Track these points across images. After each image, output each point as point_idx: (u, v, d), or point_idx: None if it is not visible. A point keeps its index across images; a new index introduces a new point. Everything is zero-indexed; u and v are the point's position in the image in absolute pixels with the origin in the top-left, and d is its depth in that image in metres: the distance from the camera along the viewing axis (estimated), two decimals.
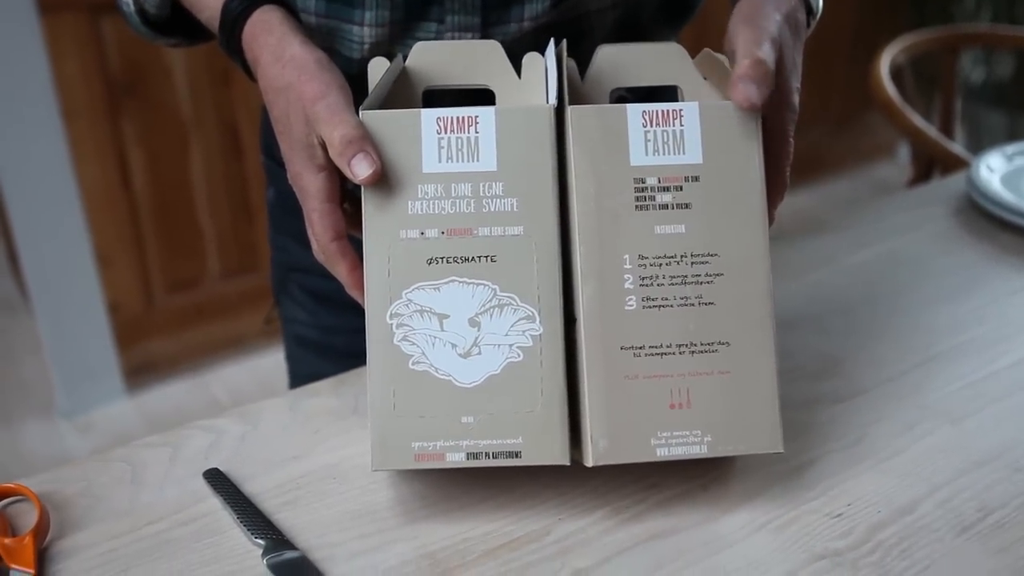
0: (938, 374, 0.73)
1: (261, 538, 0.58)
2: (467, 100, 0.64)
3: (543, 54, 0.66)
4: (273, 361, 1.08)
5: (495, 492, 0.62)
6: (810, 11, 0.68)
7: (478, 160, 0.59)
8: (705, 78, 0.67)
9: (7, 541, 0.58)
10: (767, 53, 0.59)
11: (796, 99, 0.63)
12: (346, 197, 0.64)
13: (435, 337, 0.59)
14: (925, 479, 0.63)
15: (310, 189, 0.62)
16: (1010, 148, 1.02)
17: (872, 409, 0.69)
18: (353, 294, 0.62)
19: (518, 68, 0.67)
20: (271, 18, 0.66)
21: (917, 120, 1.67)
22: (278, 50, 0.64)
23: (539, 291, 0.59)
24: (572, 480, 0.63)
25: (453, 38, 0.71)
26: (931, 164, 1.70)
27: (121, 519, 0.61)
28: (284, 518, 0.60)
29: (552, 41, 0.66)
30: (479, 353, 0.58)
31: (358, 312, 0.60)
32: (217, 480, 0.63)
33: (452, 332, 0.59)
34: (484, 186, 0.59)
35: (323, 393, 0.72)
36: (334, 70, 0.63)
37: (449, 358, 0.58)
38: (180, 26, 0.77)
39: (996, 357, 0.75)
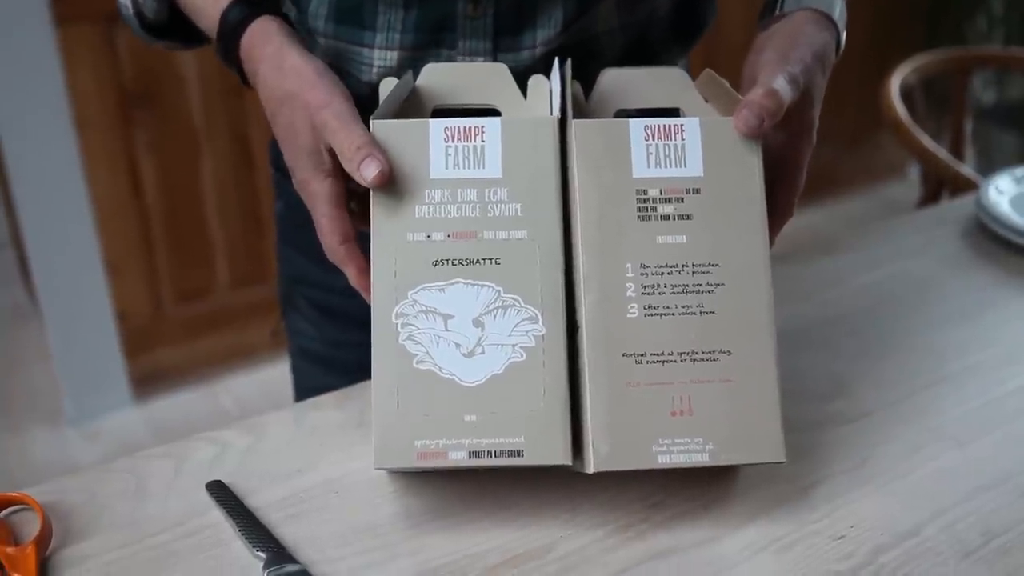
0: (946, 397, 0.73)
1: (262, 551, 0.58)
2: None
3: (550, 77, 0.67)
4: (281, 372, 1.08)
5: (498, 508, 0.62)
6: (838, 47, 0.69)
7: (483, 167, 0.61)
8: (707, 100, 0.67)
9: (9, 550, 0.58)
10: (783, 87, 0.60)
11: (815, 135, 0.65)
12: (352, 196, 0.65)
13: (439, 337, 0.59)
14: (930, 502, 0.63)
15: (318, 194, 0.64)
16: (1019, 170, 1.02)
17: (878, 431, 0.69)
18: (362, 295, 0.63)
19: (525, 91, 0.68)
20: (269, 28, 0.67)
21: (927, 141, 1.67)
22: (277, 60, 0.65)
23: (542, 293, 0.60)
24: (575, 497, 0.62)
25: (464, 62, 0.72)
26: (941, 185, 1.70)
27: (124, 530, 0.61)
28: (286, 532, 0.60)
29: (557, 60, 0.66)
30: (483, 353, 0.59)
31: (363, 326, 0.61)
32: (220, 492, 0.63)
33: (456, 332, 0.59)
34: (489, 191, 0.61)
35: (328, 406, 0.72)
36: (335, 78, 0.64)
37: (453, 357, 0.59)
38: (178, 30, 0.77)
39: (1004, 380, 0.75)
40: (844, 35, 0.69)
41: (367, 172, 0.59)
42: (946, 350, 0.78)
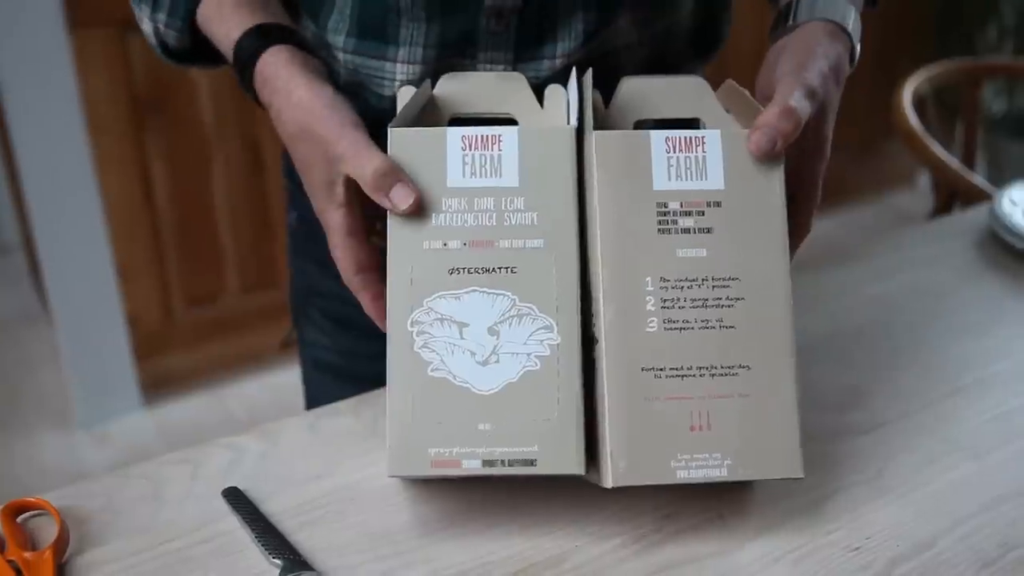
0: (961, 408, 0.73)
1: (278, 558, 0.58)
2: None
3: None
4: (291, 378, 1.08)
5: (512, 517, 0.62)
6: (852, 59, 0.68)
7: (500, 176, 0.61)
8: (728, 110, 0.67)
9: (27, 555, 0.58)
10: (800, 103, 0.60)
11: (829, 149, 0.65)
12: (378, 218, 0.64)
13: (454, 345, 0.59)
14: (946, 514, 0.62)
15: (333, 225, 0.64)
16: None
17: (894, 442, 0.69)
18: (376, 323, 0.64)
19: (542, 101, 0.68)
20: (278, 60, 0.66)
21: (939, 151, 1.67)
22: (286, 93, 0.65)
23: (557, 302, 0.60)
24: (590, 506, 0.62)
25: (482, 71, 0.72)
26: (953, 195, 1.69)
27: (141, 535, 0.61)
28: (302, 538, 0.61)
29: (574, 70, 0.66)
30: (497, 361, 0.59)
31: (379, 337, 0.61)
32: (236, 499, 0.63)
33: (471, 340, 0.59)
34: (506, 200, 0.61)
35: (343, 413, 0.72)
36: (343, 107, 0.64)
37: (468, 366, 0.59)
38: (203, 53, 0.76)
39: (1020, 391, 0.74)
40: (859, 47, 0.69)
41: (397, 199, 0.59)
42: (961, 361, 0.78)
